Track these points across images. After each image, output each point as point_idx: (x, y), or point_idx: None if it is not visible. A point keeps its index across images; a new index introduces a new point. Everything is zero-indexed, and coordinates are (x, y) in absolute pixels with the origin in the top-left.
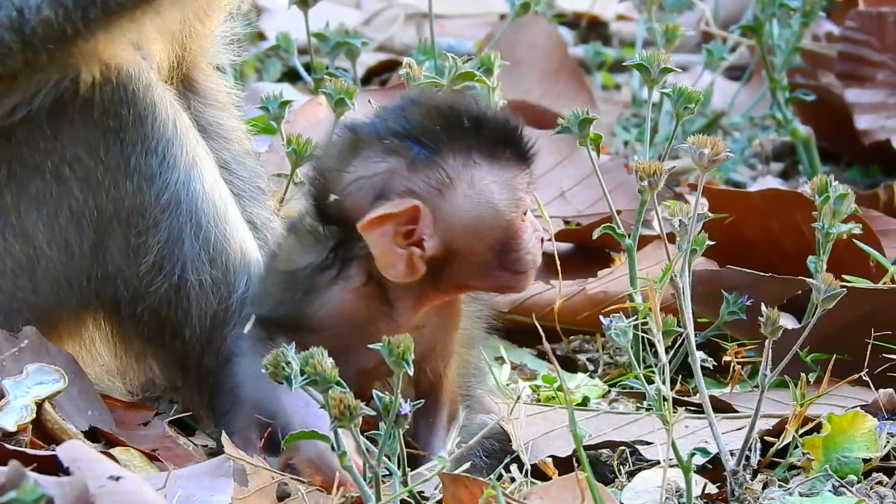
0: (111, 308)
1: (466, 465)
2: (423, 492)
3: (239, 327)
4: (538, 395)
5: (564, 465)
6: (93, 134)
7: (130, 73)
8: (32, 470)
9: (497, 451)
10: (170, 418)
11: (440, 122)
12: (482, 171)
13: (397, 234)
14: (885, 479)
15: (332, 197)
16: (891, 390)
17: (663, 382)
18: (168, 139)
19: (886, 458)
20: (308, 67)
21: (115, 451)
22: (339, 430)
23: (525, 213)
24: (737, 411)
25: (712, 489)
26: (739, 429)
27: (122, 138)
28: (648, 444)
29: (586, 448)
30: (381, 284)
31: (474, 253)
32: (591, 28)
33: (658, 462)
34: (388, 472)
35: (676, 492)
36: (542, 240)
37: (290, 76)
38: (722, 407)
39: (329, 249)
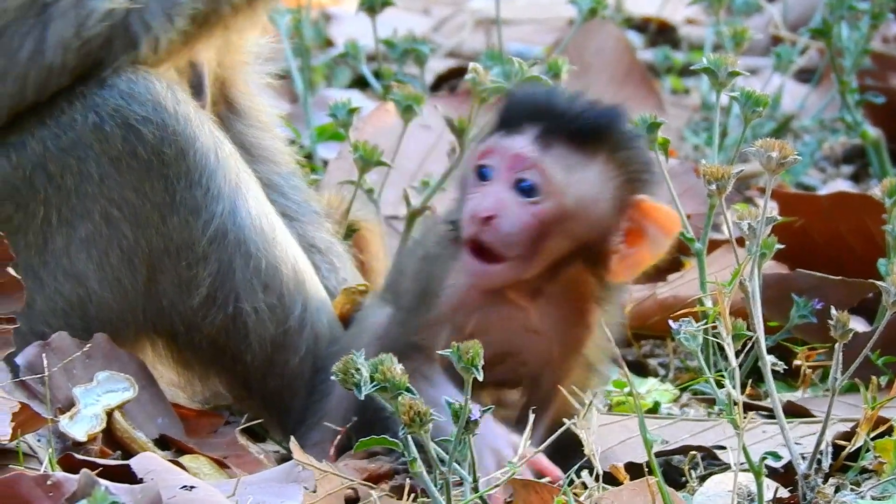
0: (168, 338)
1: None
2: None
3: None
4: (610, 401)
5: (638, 469)
6: (137, 174)
7: (169, 109)
8: (102, 478)
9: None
10: (240, 427)
11: None
12: None
13: None
14: None
15: None
16: None
17: (734, 387)
18: (211, 170)
19: None
20: (377, 74)
21: (184, 459)
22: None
23: (478, 176)
24: (810, 415)
25: (784, 493)
26: (812, 434)
27: (166, 174)
28: (722, 448)
29: (660, 454)
30: None
31: None
32: (660, 32)
33: (729, 466)
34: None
35: (748, 496)
36: (476, 215)
37: (359, 83)
38: (794, 410)
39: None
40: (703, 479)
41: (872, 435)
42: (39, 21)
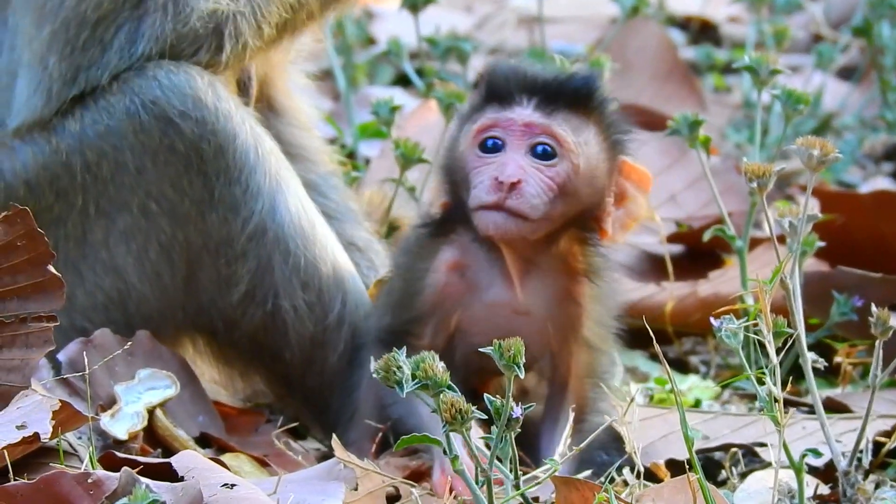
0: (208, 334)
1: (587, 473)
2: (537, 497)
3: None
4: (651, 396)
5: (678, 466)
6: (175, 168)
7: (209, 105)
8: (143, 476)
9: (608, 465)
10: (280, 429)
11: None
12: None
13: None
14: None
15: None
16: None
17: (774, 384)
18: (250, 167)
19: None
20: (419, 72)
21: (224, 457)
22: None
23: (482, 149)
24: (850, 411)
25: (824, 490)
26: (852, 430)
27: (204, 171)
28: (762, 445)
29: (701, 451)
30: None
31: None
32: (702, 30)
33: (770, 463)
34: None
35: (788, 493)
36: (501, 181)
37: (402, 81)
38: (836, 407)
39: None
40: (743, 475)
41: None
42: (135, 13)
